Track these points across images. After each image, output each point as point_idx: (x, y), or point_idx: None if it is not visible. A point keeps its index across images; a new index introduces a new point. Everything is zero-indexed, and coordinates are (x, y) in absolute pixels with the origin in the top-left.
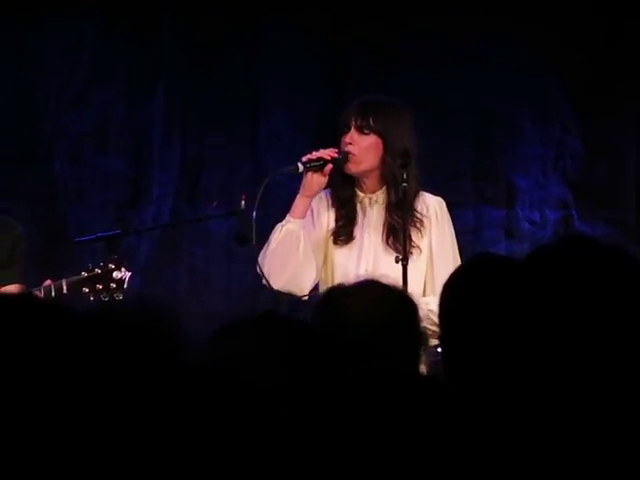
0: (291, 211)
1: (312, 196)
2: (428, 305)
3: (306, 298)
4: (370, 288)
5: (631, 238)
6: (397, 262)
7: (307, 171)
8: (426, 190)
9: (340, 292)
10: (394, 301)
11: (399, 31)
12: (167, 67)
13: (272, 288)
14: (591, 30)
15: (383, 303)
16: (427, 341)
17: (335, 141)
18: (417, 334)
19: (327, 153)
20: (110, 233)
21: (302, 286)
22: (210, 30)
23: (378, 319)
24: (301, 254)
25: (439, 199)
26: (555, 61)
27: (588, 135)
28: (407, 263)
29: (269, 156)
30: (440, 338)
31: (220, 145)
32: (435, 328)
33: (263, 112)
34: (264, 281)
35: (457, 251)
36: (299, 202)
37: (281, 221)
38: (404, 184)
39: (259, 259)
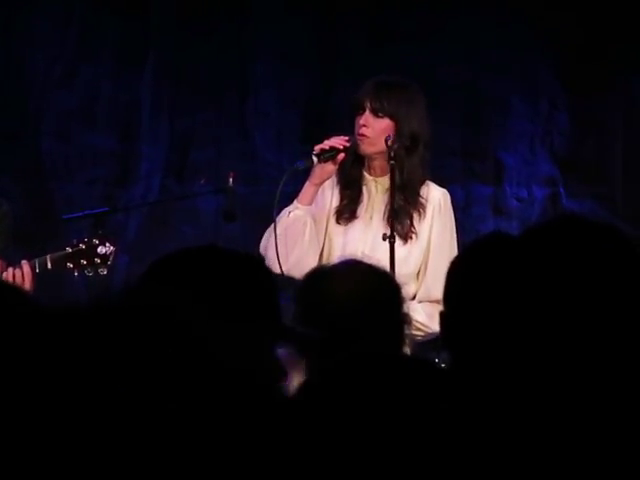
0: (299, 197)
1: (321, 184)
2: (413, 313)
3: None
4: (353, 269)
5: (618, 214)
6: (384, 240)
7: (320, 162)
8: (433, 180)
9: (322, 273)
10: (377, 282)
11: (388, 7)
12: (155, 43)
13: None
14: (581, 5)
15: (365, 284)
16: (410, 321)
17: (323, 118)
18: (400, 314)
19: (339, 142)
20: (98, 210)
21: (305, 272)
22: (199, 5)
23: (360, 300)
24: (307, 241)
25: (444, 191)
26: (543, 36)
27: (576, 111)
28: (394, 241)
29: (257, 133)
30: (443, 316)
31: (209, 122)
32: (418, 333)
33: (252, 88)
34: (267, 263)
35: (455, 245)
36: (307, 189)
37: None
38: (406, 167)
39: (262, 243)
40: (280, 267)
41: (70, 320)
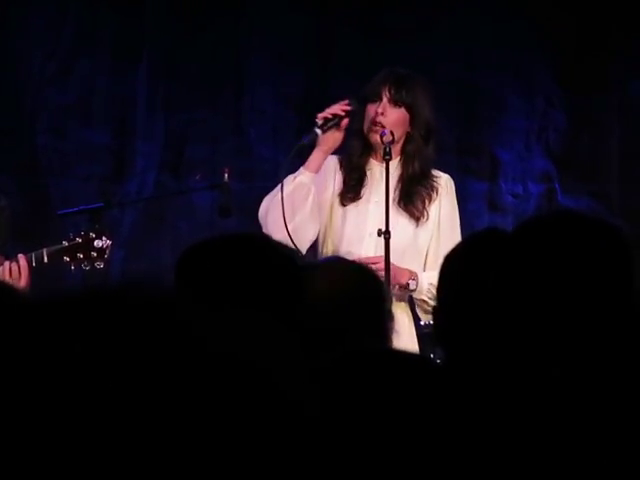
0: (306, 164)
1: (329, 151)
2: (430, 279)
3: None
4: (335, 266)
5: (614, 211)
6: (379, 235)
7: (324, 132)
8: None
9: (305, 270)
10: (359, 278)
11: (385, 3)
12: (151, 39)
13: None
14: (578, 3)
15: (348, 281)
16: (393, 318)
17: (318, 113)
18: (382, 310)
19: (340, 108)
20: (93, 206)
21: (302, 241)
22: (194, 2)
23: (343, 297)
24: (309, 208)
25: (448, 176)
26: (539, 33)
27: (572, 108)
28: (389, 237)
29: (252, 129)
30: (435, 309)
31: (204, 118)
32: (434, 302)
33: (247, 85)
34: (264, 230)
35: (459, 226)
36: (315, 156)
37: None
38: (423, 156)
39: (262, 207)
40: (286, 227)
41: (60, 314)
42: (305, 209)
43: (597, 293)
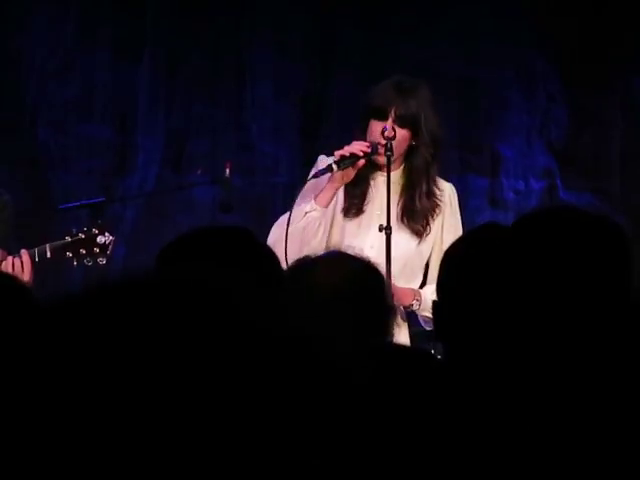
0: (317, 198)
1: (339, 187)
2: (433, 295)
3: None
4: (336, 259)
5: (616, 207)
6: (380, 231)
7: (340, 169)
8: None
9: (306, 264)
10: (360, 272)
11: (385, 0)
12: (152, 35)
13: None
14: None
15: (349, 274)
16: (395, 312)
17: (320, 110)
18: (384, 304)
19: (359, 149)
20: (94, 200)
21: None
22: None
23: (344, 290)
24: (318, 242)
25: (451, 185)
26: (541, 30)
27: (573, 104)
28: (390, 233)
29: (254, 124)
30: (435, 304)
31: (205, 113)
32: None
33: (249, 80)
34: None
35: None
36: (327, 192)
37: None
38: (431, 176)
39: (271, 236)
40: (287, 264)
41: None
42: (315, 241)
43: (596, 288)
